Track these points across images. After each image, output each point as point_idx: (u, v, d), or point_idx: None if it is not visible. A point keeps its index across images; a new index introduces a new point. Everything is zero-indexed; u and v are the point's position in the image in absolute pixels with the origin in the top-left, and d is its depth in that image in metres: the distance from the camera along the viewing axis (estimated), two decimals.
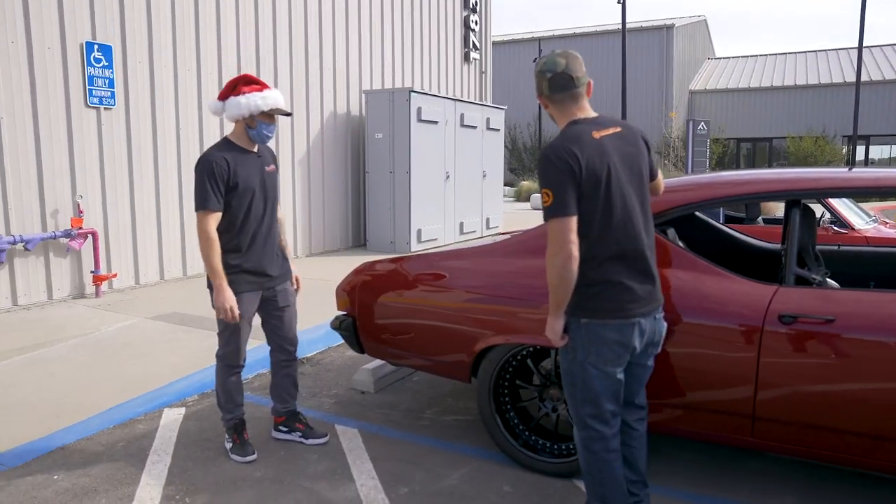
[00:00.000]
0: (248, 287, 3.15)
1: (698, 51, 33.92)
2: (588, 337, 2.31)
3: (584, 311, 2.31)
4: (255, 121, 3.09)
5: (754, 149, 31.40)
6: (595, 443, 2.40)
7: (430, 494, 2.96)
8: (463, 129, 10.82)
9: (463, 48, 12.93)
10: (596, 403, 2.37)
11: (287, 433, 3.51)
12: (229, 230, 3.10)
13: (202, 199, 3.00)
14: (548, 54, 2.39)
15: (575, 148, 2.24)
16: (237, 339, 3.23)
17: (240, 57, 7.97)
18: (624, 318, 2.30)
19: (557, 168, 2.22)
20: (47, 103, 6.06)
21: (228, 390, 3.32)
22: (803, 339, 2.58)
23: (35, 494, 2.95)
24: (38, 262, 6.10)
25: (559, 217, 2.21)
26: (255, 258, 3.17)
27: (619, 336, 2.30)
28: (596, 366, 2.33)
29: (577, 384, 2.38)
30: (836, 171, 2.91)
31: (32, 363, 4.55)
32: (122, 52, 6.65)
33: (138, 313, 5.83)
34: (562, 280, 2.23)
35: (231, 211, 3.08)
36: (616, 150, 2.32)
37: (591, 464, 2.43)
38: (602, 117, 2.38)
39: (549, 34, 31.45)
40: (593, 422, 2.39)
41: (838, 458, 2.63)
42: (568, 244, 2.20)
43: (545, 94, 2.38)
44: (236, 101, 3.06)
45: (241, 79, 3.11)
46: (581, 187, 2.24)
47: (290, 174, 8.87)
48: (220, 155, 3.05)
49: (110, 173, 6.61)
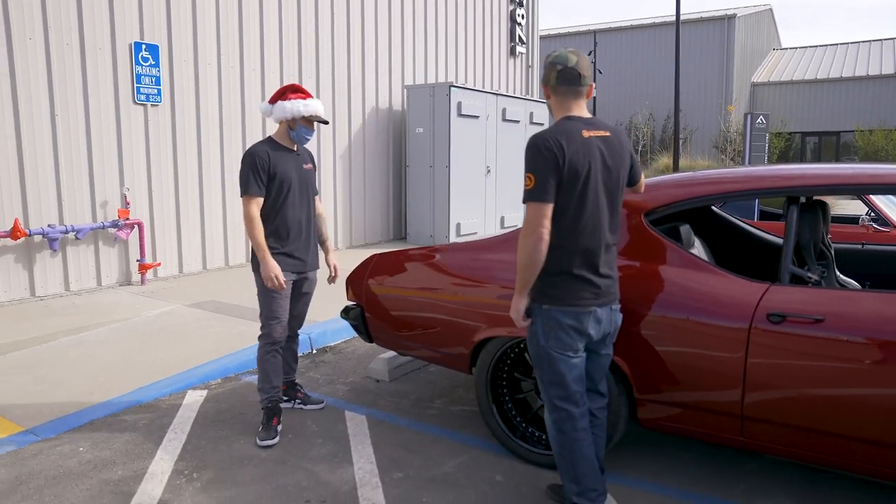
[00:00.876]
0: (285, 266, 3.51)
1: (762, 41, 32.71)
2: (548, 322, 2.48)
3: (546, 298, 2.48)
4: (297, 124, 3.51)
5: (820, 143, 30.11)
6: (565, 423, 2.53)
7: (424, 480, 3.05)
8: (505, 123, 10.84)
9: (509, 42, 12.91)
10: (563, 385, 2.52)
11: (287, 402, 3.85)
12: (270, 217, 3.48)
13: (245, 185, 3.42)
14: (560, 49, 2.56)
15: (563, 140, 2.39)
16: (277, 314, 3.50)
17: (282, 53, 8.21)
18: (581, 307, 2.47)
19: (543, 156, 2.37)
20: (98, 101, 6.42)
21: (265, 370, 3.54)
22: (791, 338, 2.54)
23: (61, 464, 3.19)
24: (88, 251, 6.48)
25: (537, 202, 2.37)
26: (292, 244, 3.54)
27: (576, 323, 2.47)
28: (556, 350, 2.49)
29: (545, 368, 2.53)
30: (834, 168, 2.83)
31: (76, 344, 4.87)
32: (168, 51, 6.97)
33: (178, 300, 6.13)
34: (531, 261, 2.39)
35: (270, 200, 3.46)
36: (600, 152, 2.47)
37: (563, 444, 2.55)
38: (595, 119, 2.54)
39: (605, 27, 30.92)
40: (562, 402, 2.53)
41: (828, 461, 2.58)
42: (540, 228, 2.37)
43: (551, 85, 2.53)
44: (282, 106, 3.48)
45: (289, 87, 3.54)
46: (561, 178, 2.39)
47: (332, 168, 9.09)
48: (263, 149, 3.45)
49: (156, 167, 6.95)
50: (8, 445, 3.38)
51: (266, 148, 3.47)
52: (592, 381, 2.67)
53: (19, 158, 5.94)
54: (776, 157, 27.13)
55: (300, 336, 5.06)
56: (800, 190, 2.76)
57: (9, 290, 5.97)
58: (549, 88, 2.55)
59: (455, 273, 3.41)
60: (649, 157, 25.85)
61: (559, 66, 2.49)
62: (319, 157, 8.90)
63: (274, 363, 3.55)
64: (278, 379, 3.58)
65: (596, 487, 2.54)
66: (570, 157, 2.38)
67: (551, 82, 2.53)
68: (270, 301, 3.49)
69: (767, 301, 2.62)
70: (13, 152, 5.90)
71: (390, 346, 3.81)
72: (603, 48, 30.28)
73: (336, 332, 5.33)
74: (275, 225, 3.49)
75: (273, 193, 3.46)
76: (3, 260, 5.92)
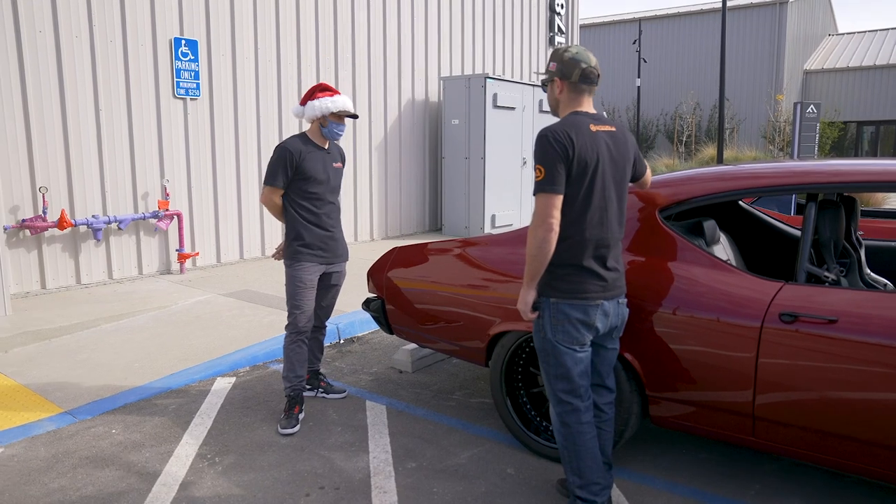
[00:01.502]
0: (312, 259, 3.63)
1: (817, 26, 31.54)
2: (556, 315, 2.50)
3: (553, 291, 2.50)
4: (327, 121, 3.64)
5: (878, 132, 28.93)
6: (569, 416, 2.55)
7: (436, 471, 3.11)
8: (542, 114, 10.77)
9: (548, 32, 12.79)
10: (568, 378, 2.53)
11: (310, 390, 3.99)
12: (304, 210, 3.63)
13: (271, 175, 3.59)
14: (575, 46, 2.59)
15: (572, 133, 2.43)
16: (302, 304, 3.61)
17: (318, 47, 8.33)
18: (589, 300, 2.48)
19: (553, 148, 2.40)
20: (139, 96, 6.65)
21: (290, 358, 3.66)
22: (803, 339, 2.50)
23: (94, 444, 3.36)
24: (129, 241, 6.74)
25: (547, 193, 2.41)
26: (319, 236, 3.66)
27: (583, 316, 2.48)
28: (563, 343, 2.50)
29: (550, 361, 2.55)
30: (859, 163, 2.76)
31: (115, 330, 5.09)
32: (207, 46, 7.15)
33: (213, 289, 6.32)
34: (540, 251, 2.41)
35: (299, 194, 3.61)
36: (607, 146, 2.51)
37: (567, 437, 2.57)
38: (600, 115, 2.59)
39: (651, 14, 30.27)
40: (567, 396, 2.55)
41: (844, 465, 2.54)
42: (550, 218, 2.39)
43: (572, 80, 2.54)
44: (312, 105, 3.63)
45: (318, 86, 3.67)
46: (570, 170, 2.43)
47: (368, 159, 9.20)
48: (295, 145, 3.58)
49: (195, 159, 7.17)
50: (49, 425, 3.57)
51: (298, 144, 3.60)
52: (599, 376, 2.68)
53: (66, 152, 6.20)
54: (828, 147, 26.21)
55: (328, 326, 5.18)
56: (806, 187, 2.70)
57: (56, 278, 6.26)
58: (567, 83, 2.56)
59: (472, 267, 3.44)
60: (694, 148, 25.27)
61: (583, 65, 2.52)
62: (355, 149, 9.02)
63: (299, 353, 3.66)
64: (302, 368, 3.68)
65: (599, 481, 2.56)
66: (579, 149, 2.42)
67: (573, 78, 2.54)
68: (296, 291, 3.61)
69: (780, 300, 2.59)
70: (60, 146, 6.16)
71: (410, 338, 3.87)
72: (647, 36, 29.67)
73: (364, 322, 5.42)
74: (307, 217, 3.62)
75: (301, 188, 3.60)
76: (51, 249, 6.21)
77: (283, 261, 3.76)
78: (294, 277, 3.61)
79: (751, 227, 3.95)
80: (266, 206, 3.68)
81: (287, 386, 3.67)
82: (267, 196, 3.63)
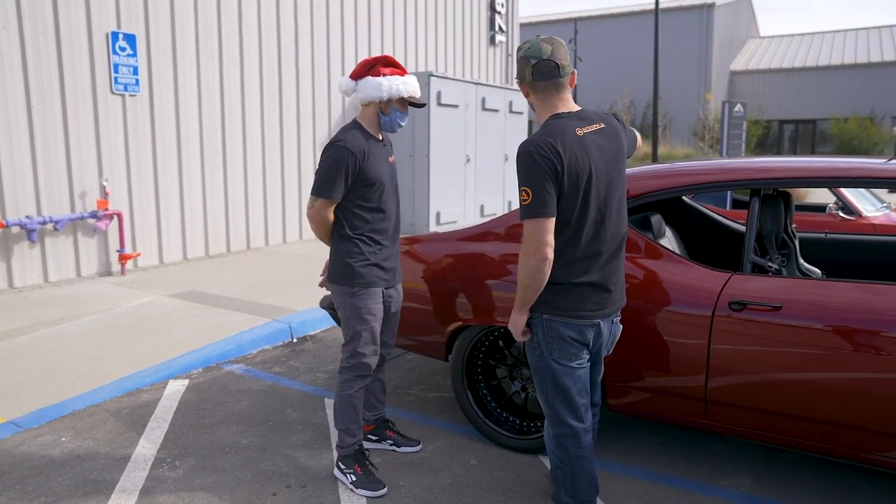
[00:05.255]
0: (379, 283, 2.91)
1: (741, 30, 32.98)
2: (550, 333, 2.33)
3: (548, 307, 2.31)
4: (391, 106, 2.87)
5: (797, 131, 30.51)
6: (568, 440, 2.39)
7: (401, 465, 3.15)
8: (484, 112, 10.88)
9: (489, 31, 12.93)
10: (567, 397, 2.37)
11: (377, 442, 3.29)
12: (364, 220, 2.86)
13: (328, 186, 2.76)
14: (531, 39, 2.32)
15: (558, 145, 2.17)
16: (372, 339, 2.92)
17: (261, 42, 8.19)
18: (585, 319, 2.31)
19: (539, 166, 2.15)
20: (75, 91, 6.38)
21: (354, 406, 2.94)
22: (751, 325, 2.66)
23: (43, 454, 3.23)
24: (67, 242, 6.47)
25: (537, 217, 2.16)
26: (384, 252, 2.93)
27: (578, 335, 2.32)
28: (560, 362, 2.34)
29: (548, 380, 2.39)
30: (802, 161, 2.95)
31: (56, 336, 4.89)
32: (146, 41, 6.93)
33: (158, 291, 6.15)
34: (532, 281, 2.22)
35: (361, 200, 2.83)
36: (598, 149, 2.27)
37: (563, 460, 2.42)
38: (585, 112, 2.33)
39: (585, 14, 30.97)
40: (567, 417, 2.38)
41: (788, 442, 2.71)
42: (544, 247, 2.17)
43: (528, 82, 2.30)
44: (376, 83, 2.81)
45: (381, 59, 2.88)
46: (561, 187, 2.18)
47: (312, 157, 9.10)
48: (360, 144, 2.79)
49: (135, 157, 6.93)
50: None
51: (360, 140, 2.80)
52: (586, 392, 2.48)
53: None
54: (754, 144, 27.46)
55: (281, 325, 5.13)
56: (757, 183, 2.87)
57: None
58: (526, 86, 2.31)
59: (430, 263, 3.48)
60: None
61: (533, 60, 2.25)
62: (299, 147, 8.91)
63: (358, 400, 2.95)
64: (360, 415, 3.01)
65: (591, 499, 2.45)
66: (568, 161, 2.16)
67: (527, 79, 2.28)
68: (364, 324, 2.87)
69: (729, 289, 2.74)
70: None
71: None
72: (584, 36, 30.34)
73: (316, 321, 5.39)
74: (366, 230, 2.86)
75: (369, 197, 2.84)
76: None
77: (333, 287, 2.91)
78: (358, 308, 2.85)
79: (693, 221, 4.14)
80: (314, 222, 2.84)
81: (351, 443, 2.96)
82: (319, 212, 2.80)
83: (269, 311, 5.50)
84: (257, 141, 8.28)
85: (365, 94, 2.84)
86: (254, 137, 8.23)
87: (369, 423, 3.28)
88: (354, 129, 2.84)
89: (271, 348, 4.92)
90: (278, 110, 8.53)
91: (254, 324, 5.15)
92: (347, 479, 2.93)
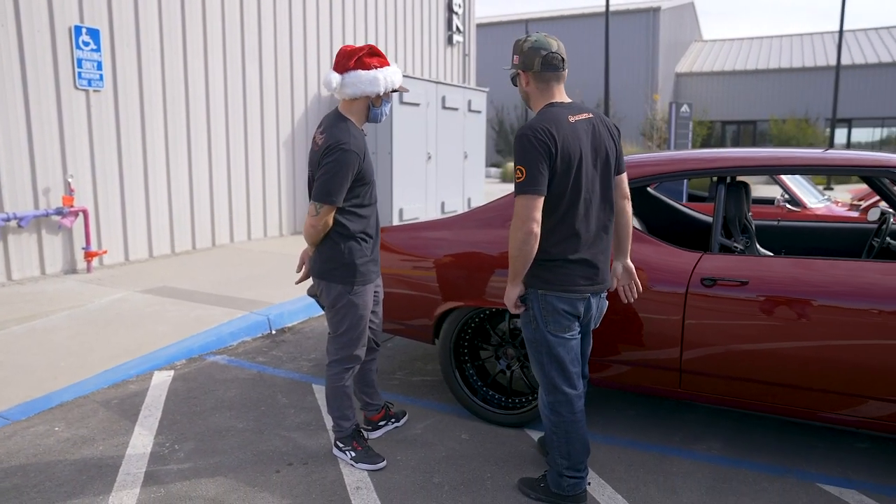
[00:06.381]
0: (374, 277, 2.97)
1: (685, 33, 34.12)
2: (545, 307, 2.51)
3: (542, 283, 2.50)
4: (380, 99, 2.83)
5: (739, 131, 31.78)
6: (563, 406, 2.58)
7: (396, 441, 3.30)
8: (444, 111, 11.08)
9: (446, 31, 13.13)
10: (562, 366, 2.56)
11: (385, 426, 3.39)
12: (360, 218, 2.88)
13: (337, 192, 2.72)
14: (535, 34, 2.51)
15: (553, 129, 2.37)
16: (364, 333, 2.98)
17: (225, 39, 8.17)
18: (577, 294, 2.51)
19: (535, 147, 2.34)
20: (38, 86, 6.28)
21: (344, 395, 3.03)
22: (721, 299, 2.92)
23: (39, 443, 3.26)
24: (31, 239, 6.36)
25: (528, 194, 2.36)
26: (375, 248, 2.99)
27: (570, 308, 2.52)
28: (554, 333, 2.53)
29: (543, 351, 2.57)
30: (758, 152, 3.23)
31: (29, 332, 4.84)
32: (110, 36, 6.85)
33: (128, 287, 6.11)
34: (520, 253, 2.42)
35: (358, 199, 2.83)
36: (588, 136, 2.47)
37: (558, 426, 2.60)
38: (575, 103, 2.52)
39: (536, 16, 31.52)
40: (562, 384, 2.57)
41: (753, 405, 2.98)
42: (531, 222, 2.36)
43: (534, 70, 2.46)
44: (371, 76, 2.73)
45: (366, 50, 2.77)
46: (554, 167, 2.38)
47: (276, 154, 9.12)
48: (359, 143, 2.76)
49: (100, 153, 6.85)
50: None
51: (360, 139, 2.77)
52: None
53: None
54: (699, 144, 28.48)
55: (259, 318, 5.20)
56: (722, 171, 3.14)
57: None
58: (530, 74, 2.48)
59: (419, 249, 3.64)
60: None
61: (543, 52, 2.44)
62: (263, 145, 8.92)
63: (350, 388, 3.05)
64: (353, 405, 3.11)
65: (583, 461, 2.64)
66: (561, 144, 2.36)
67: (535, 67, 2.45)
68: (359, 319, 2.93)
69: (701, 268, 2.99)
70: None
71: None
72: None
73: (293, 313, 5.48)
74: (362, 228, 2.89)
75: (361, 193, 2.84)
76: None
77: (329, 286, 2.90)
78: (356, 305, 2.90)
79: (656, 210, 4.42)
80: (317, 230, 2.78)
81: (348, 426, 3.06)
82: (323, 218, 2.75)
83: (244, 304, 5.55)
84: (222, 137, 8.26)
85: (358, 89, 2.75)
86: (218, 133, 8.21)
87: (378, 410, 3.36)
88: (346, 125, 2.77)
89: (251, 340, 4.99)
90: (242, 106, 8.53)
91: (232, 316, 5.20)
92: (347, 455, 3.06)
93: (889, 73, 28.40)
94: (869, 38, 31.75)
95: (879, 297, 2.69)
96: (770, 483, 2.90)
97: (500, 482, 2.90)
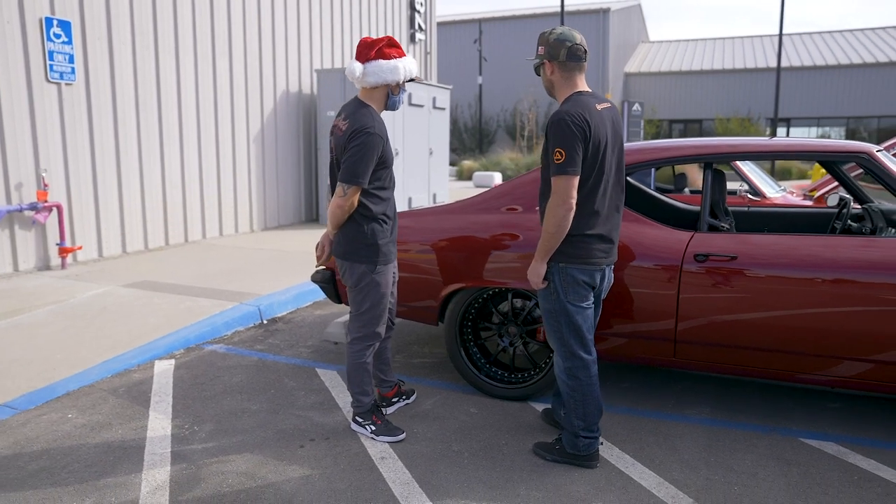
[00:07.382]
0: (393, 257, 3.12)
1: (633, 34, 35.09)
2: (566, 279, 2.74)
3: (564, 257, 2.72)
4: (399, 87, 3.01)
5: (686, 129, 32.88)
6: (580, 371, 2.81)
7: (409, 416, 3.45)
8: (411, 108, 11.21)
9: (409, 29, 13.27)
10: (579, 334, 2.79)
11: (397, 402, 3.52)
12: (382, 201, 3.02)
13: (364, 173, 2.87)
14: (560, 27, 2.74)
15: (587, 115, 2.61)
16: (384, 311, 3.13)
17: (195, 33, 8.13)
18: (595, 266, 2.76)
19: (573, 131, 2.57)
20: (7, 78, 6.16)
21: (365, 370, 3.16)
22: (713, 273, 3.18)
23: (55, 429, 3.29)
24: (3, 235, 6.23)
25: (567, 175, 2.58)
26: (394, 228, 3.14)
27: (589, 279, 2.77)
28: (573, 303, 2.76)
29: (562, 321, 2.79)
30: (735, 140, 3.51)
31: (15, 327, 4.78)
32: (82, 28, 6.76)
33: (108, 282, 6.06)
34: (559, 229, 2.64)
35: (380, 182, 2.99)
36: (609, 123, 2.74)
37: (575, 389, 2.83)
38: (596, 93, 2.79)
39: (490, 16, 31.91)
40: (580, 350, 2.80)
41: (743, 370, 3.25)
42: (570, 199, 2.60)
43: (560, 61, 2.68)
44: (392, 66, 2.92)
45: (386, 41, 2.97)
46: (587, 151, 2.62)
47: (246, 151, 9.11)
48: (382, 128, 2.92)
49: (72, 147, 6.75)
50: None
51: (382, 124, 2.94)
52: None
53: None
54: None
55: (250, 308, 5.27)
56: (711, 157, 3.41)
57: None
58: (556, 64, 2.69)
59: (425, 233, 3.80)
60: (535, 142, 27.15)
61: (569, 43, 2.66)
62: (234, 140, 8.89)
63: (370, 364, 3.19)
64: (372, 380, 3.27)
65: (597, 422, 2.86)
66: (594, 130, 2.60)
67: (561, 58, 2.67)
68: (381, 298, 3.08)
69: (693, 245, 3.25)
70: None
71: None
72: (489, 36, 31.27)
73: (283, 303, 5.55)
74: (384, 210, 3.03)
75: (382, 175, 3.00)
76: None
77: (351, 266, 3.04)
78: (379, 284, 3.05)
79: (637, 198, 4.69)
80: (344, 210, 2.92)
81: (367, 401, 3.19)
82: (350, 198, 2.89)
83: (231, 296, 5.60)
84: (193, 132, 8.21)
85: (380, 78, 2.92)
86: (189, 128, 8.16)
87: (392, 386, 3.50)
88: (368, 110, 2.94)
89: (244, 329, 5.05)
90: (213, 101, 8.49)
91: (223, 307, 5.24)
92: (367, 429, 3.19)
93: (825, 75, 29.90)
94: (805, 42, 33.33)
95: (852, 268, 3.00)
96: (759, 439, 3.18)
97: (515, 448, 3.09)
